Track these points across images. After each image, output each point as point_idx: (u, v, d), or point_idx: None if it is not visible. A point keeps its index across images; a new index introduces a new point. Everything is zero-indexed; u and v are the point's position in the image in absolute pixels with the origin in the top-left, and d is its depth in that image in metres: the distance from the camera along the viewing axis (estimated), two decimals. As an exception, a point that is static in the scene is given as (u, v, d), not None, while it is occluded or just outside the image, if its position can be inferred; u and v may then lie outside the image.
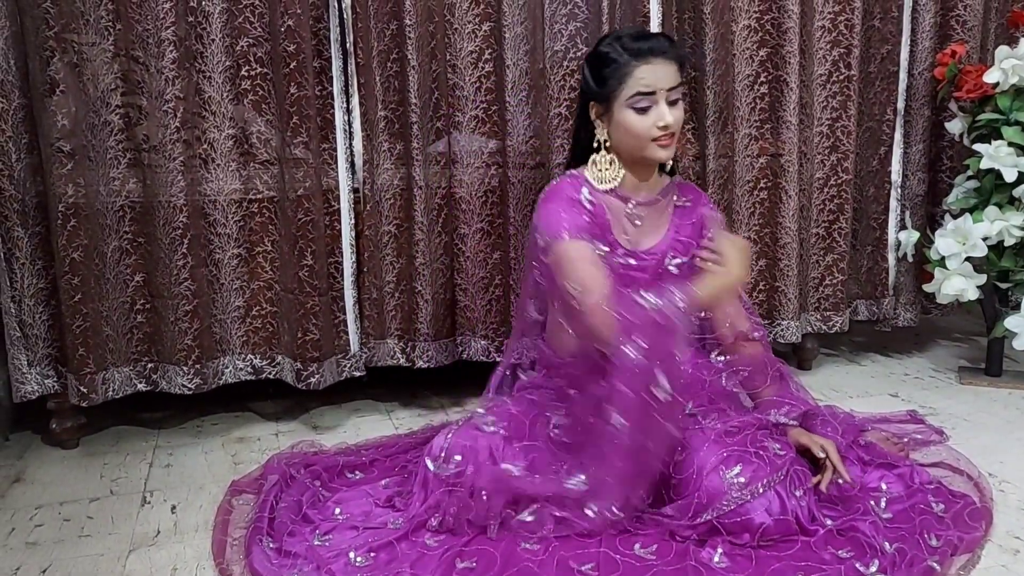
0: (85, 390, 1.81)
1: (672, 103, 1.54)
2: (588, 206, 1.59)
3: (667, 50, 1.53)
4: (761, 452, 1.41)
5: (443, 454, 1.49)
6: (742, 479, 1.37)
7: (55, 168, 1.75)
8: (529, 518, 1.43)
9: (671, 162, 1.64)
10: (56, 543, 1.49)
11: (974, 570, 1.34)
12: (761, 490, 1.37)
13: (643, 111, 1.53)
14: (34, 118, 1.75)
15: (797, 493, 1.40)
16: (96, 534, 1.52)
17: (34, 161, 1.78)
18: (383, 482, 1.63)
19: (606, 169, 1.60)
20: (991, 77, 2.04)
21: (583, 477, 1.43)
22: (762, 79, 2.13)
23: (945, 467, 1.66)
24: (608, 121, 1.57)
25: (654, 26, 2.04)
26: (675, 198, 1.68)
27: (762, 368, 1.64)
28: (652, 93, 1.51)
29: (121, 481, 1.74)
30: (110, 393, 1.86)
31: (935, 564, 1.32)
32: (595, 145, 1.60)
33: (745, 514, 1.36)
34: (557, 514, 1.42)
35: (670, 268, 1.64)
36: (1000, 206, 2.05)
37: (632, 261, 1.62)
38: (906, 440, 1.78)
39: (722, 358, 1.67)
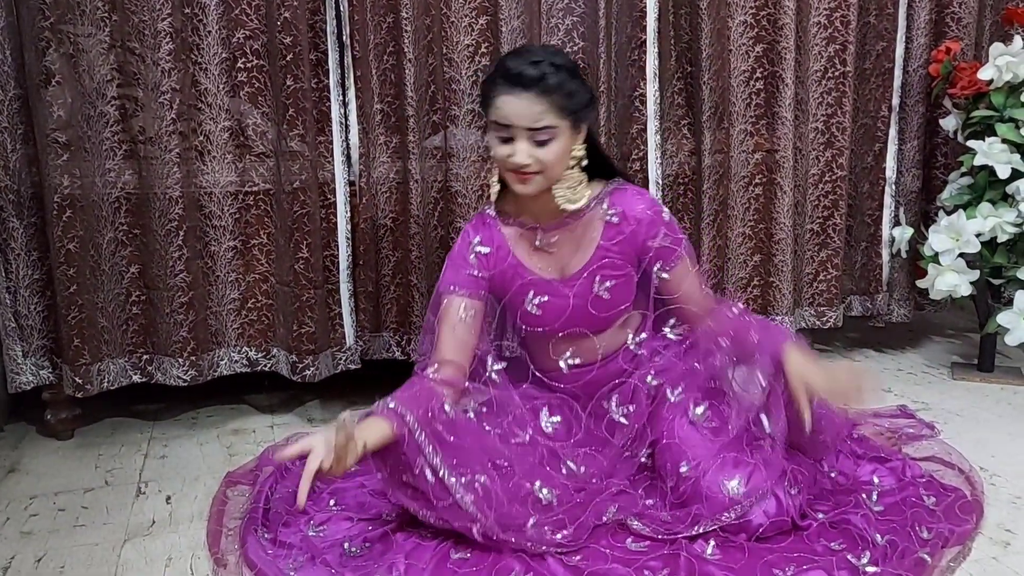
0: (80, 381, 1.81)
1: (540, 143, 1.41)
2: (476, 257, 1.54)
3: (537, 84, 1.38)
4: (758, 455, 1.42)
5: None
6: (742, 489, 1.38)
7: (51, 159, 1.75)
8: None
9: (581, 198, 1.50)
10: (51, 532, 1.50)
11: (964, 562, 1.35)
12: (760, 496, 1.38)
13: (504, 141, 1.43)
14: (30, 109, 1.75)
15: (792, 491, 1.41)
16: (91, 524, 1.53)
17: (30, 152, 1.78)
18: (379, 474, 1.63)
19: (495, 191, 1.54)
20: (985, 74, 2.05)
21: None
22: (758, 75, 2.13)
23: (937, 461, 1.67)
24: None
25: (650, 21, 2.04)
26: (604, 209, 1.54)
27: (741, 329, 1.50)
28: (508, 126, 1.41)
29: (116, 472, 1.75)
30: (105, 384, 1.86)
31: (926, 556, 1.33)
32: (491, 164, 1.53)
33: (742, 516, 1.37)
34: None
35: (600, 294, 1.55)
36: (993, 203, 2.06)
37: (545, 298, 1.55)
38: (898, 434, 1.79)
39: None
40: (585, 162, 1.50)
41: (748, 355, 1.47)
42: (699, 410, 1.49)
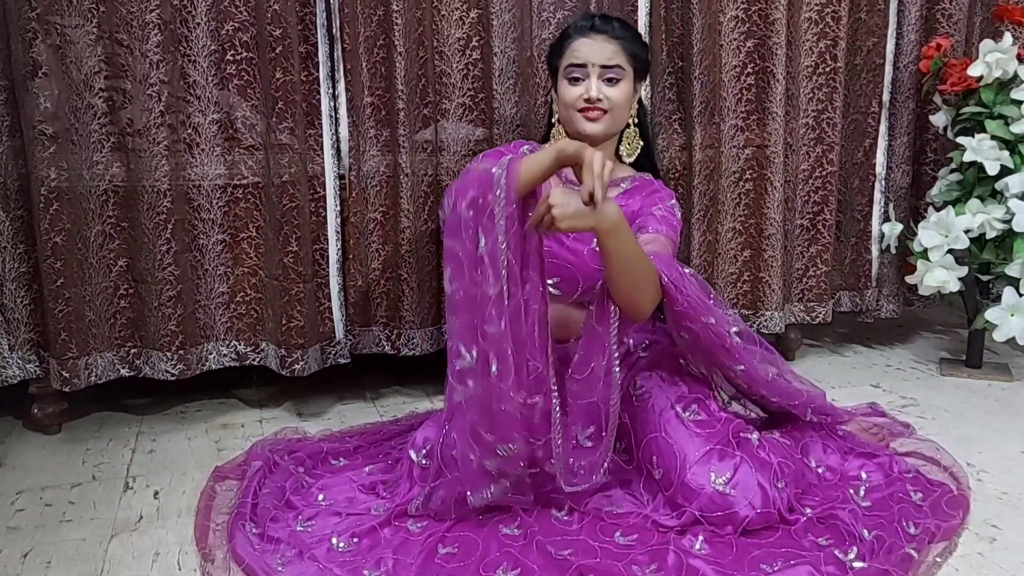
0: (67, 375, 1.80)
1: (608, 80, 1.56)
2: (522, 155, 1.59)
3: (609, 29, 1.57)
4: (744, 448, 1.43)
5: (427, 447, 1.50)
6: (727, 475, 1.39)
7: (37, 151, 1.73)
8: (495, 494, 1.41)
9: (636, 151, 1.65)
10: (37, 528, 1.49)
11: (951, 558, 1.36)
12: (745, 489, 1.39)
13: (575, 82, 1.57)
14: (16, 100, 1.74)
15: (779, 485, 1.42)
16: (78, 519, 1.52)
17: (16, 144, 1.77)
18: (367, 468, 1.63)
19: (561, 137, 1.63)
20: (975, 71, 2.06)
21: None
22: (749, 70, 2.13)
23: (918, 456, 1.67)
24: (556, 95, 1.63)
25: (641, 15, 2.04)
26: (622, 185, 1.66)
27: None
28: (583, 66, 1.56)
29: (103, 466, 1.74)
30: (93, 378, 1.85)
31: (913, 551, 1.33)
32: (552, 120, 1.65)
33: (728, 508, 1.38)
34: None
35: (596, 247, 1.58)
36: (982, 199, 2.07)
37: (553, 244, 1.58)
38: (885, 429, 1.80)
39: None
40: (636, 120, 1.66)
41: None
42: (687, 412, 1.50)
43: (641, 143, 1.68)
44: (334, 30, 1.87)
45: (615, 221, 1.33)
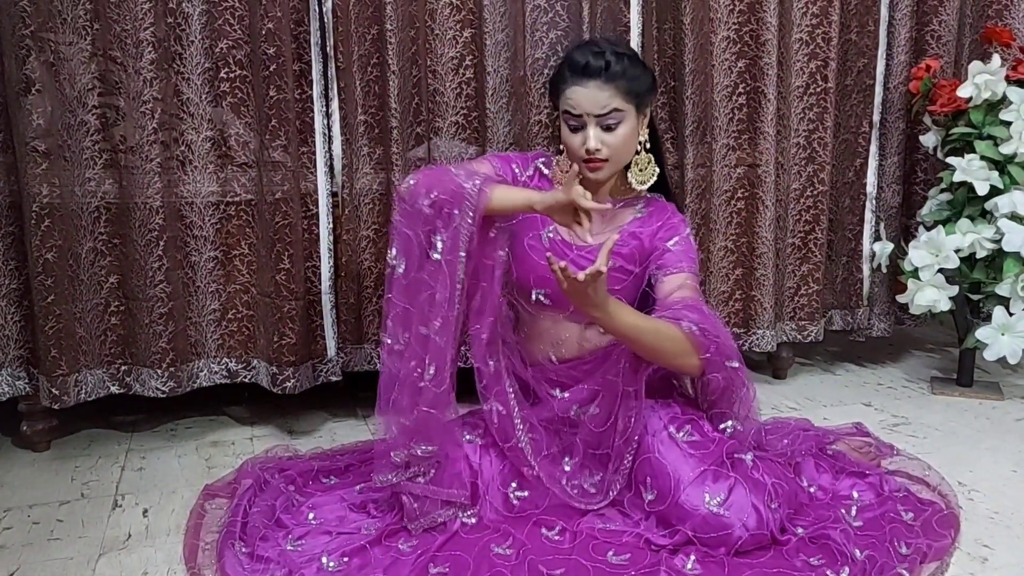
0: (57, 392, 1.80)
1: (607, 127, 1.49)
2: (534, 171, 1.63)
3: (600, 71, 1.48)
4: (739, 469, 1.43)
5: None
6: (721, 496, 1.39)
7: (30, 168, 1.73)
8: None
9: (651, 178, 1.58)
10: (25, 546, 1.48)
11: (942, 578, 1.36)
12: (740, 510, 1.38)
13: (574, 130, 1.52)
14: (9, 117, 1.74)
15: (772, 506, 1.42)
16: (66, 537, 1.51)
17: (8, 160, 1.77)
18: (357, 487, 1.62)
19: (565, 171, 1.56)
20: (964, 92, 2.08)
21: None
22: (740, 90, 2.15)
23: (904, 475, 1.68)
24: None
25: (634, 36, 2.05)
26: (638, 207, 1.62)
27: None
28: (579, 116, 1.50)
29: (92, 484, 1.73)
30: (83, 395, 1.84)
31: (904, 572, 1.33)
32: (560, 147, 1.60)
33: (723, 529, 1.37)
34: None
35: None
36: (972, 219, 2.08)
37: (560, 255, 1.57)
38: (872, 446, 1.80)
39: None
40: (648, 144, 1.58)
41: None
42: (680, 432, 1.50)
43: (657, 169, 1.59)
44: (328, 49, 1.88)
45: (600, 316, 1.38)
